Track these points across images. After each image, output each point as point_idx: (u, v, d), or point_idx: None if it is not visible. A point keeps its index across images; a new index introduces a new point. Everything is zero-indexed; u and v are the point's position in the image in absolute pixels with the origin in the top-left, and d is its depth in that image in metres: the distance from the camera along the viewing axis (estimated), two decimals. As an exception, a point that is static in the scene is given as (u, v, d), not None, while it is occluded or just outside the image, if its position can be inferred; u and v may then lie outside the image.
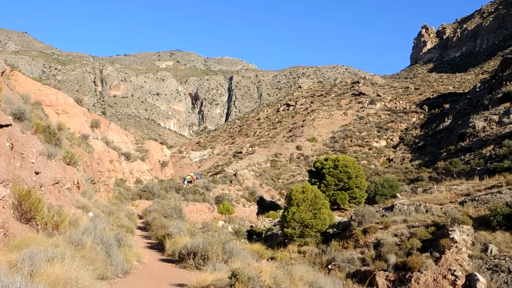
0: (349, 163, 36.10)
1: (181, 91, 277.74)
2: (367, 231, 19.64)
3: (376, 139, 77.45)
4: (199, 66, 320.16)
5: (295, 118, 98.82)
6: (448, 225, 16.78)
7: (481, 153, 44.42)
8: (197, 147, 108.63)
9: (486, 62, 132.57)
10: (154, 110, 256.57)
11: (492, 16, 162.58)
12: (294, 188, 25.08)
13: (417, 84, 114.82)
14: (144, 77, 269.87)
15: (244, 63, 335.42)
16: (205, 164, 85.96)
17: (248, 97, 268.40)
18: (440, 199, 22.74)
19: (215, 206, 35.50)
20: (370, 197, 36.53)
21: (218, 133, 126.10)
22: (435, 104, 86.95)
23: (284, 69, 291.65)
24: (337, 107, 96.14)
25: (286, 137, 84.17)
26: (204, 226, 27.14)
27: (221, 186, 42.88)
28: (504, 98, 55.17)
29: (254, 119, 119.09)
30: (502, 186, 21.40)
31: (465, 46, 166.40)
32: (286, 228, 23.84)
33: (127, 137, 44.62)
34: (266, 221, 36.63)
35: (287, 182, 59.94)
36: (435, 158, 54.30)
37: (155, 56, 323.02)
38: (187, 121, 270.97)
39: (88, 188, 17.38)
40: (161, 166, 45.59)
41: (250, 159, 71.27)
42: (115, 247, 10.34)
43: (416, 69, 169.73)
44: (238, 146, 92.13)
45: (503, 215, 15.86)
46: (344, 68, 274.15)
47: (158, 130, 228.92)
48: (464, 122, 59.31)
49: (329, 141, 78.88)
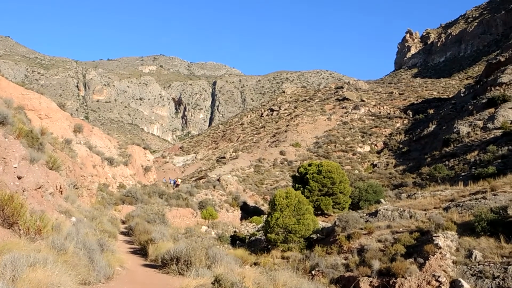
0: (333, 168, 36.19)
1: (165, 96, 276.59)
2: (351, 237, 19.64)
3: (360, 144, 77.94)
4: (183, 71, 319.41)
5: (278, 123, 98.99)
6: (432, 231, 16.86)
7: (465, 159, 44.89)
8: (181, 152, 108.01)
9: (470, 67, 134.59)
10: (137, 115, 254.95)
11: (477, 21, 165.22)
12: (278, 193, 25.01)
13: (401, 89, 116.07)
14: (127, 82, 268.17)
15: (228, 68, 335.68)
16: (189, 169, 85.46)
17: (232, 102, 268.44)
18: (425, 204, 22.87)
19: (198, 211, 35.28)
20: (354, 203, 36.64)
21: (202, 138, 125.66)
22: (420, 109, 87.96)
23: (268, 74, 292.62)
24: (321, 112, 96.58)
25: (270, 142, 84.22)
26: (187, 231, 26.92)
27: (205, 191, 42.67)
28: (489, 103, 55.89)
29: (238, 124, 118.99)
30: (487, 191, 21.59)
31: (450, 51, 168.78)
32: (270, 233, 23.74)
33: (110, 141, 44.11)
34: (250, 226, 36.52)
35: (271, 187, 59.91)
36: (420, 163, 54.78)
37: (138, 60, 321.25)
38: (170, 126, 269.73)
39: (71, 193, 17.10)
40: (144, 171, 45.13)
41: (234, 164, 71.09)
42: (98, 252, 10.15)
43: (400, 74, 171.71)
44: (222, 151, 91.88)
45: (488, 221, 15.97)
46: (328, 73, 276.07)
47: (141, 135, 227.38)
48: (448, 127, 59.99)
49: (313, 146, 79.14)
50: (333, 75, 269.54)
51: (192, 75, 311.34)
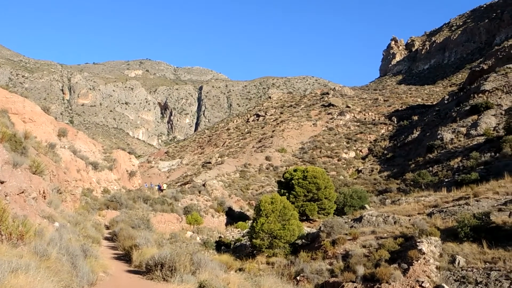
0: (318, 174, 36.33)
1: (150, 101, 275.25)
2: (336, 242, 19.70)
3: (345, 150, 78.40)
4: (169, 76, 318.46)
5: (264, 128, 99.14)
6: (416, 237, 17.00)
7: (449, 165, 45.42)
8: (166, 157, 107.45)
9: (454, 75, 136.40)
10: (122, 119, 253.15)
11: (460, 29, 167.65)
12: (263, 198, 25.01)
13: (386, 96, 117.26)
14: (113, 86, 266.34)
15: (214, 73, 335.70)
16: (174, 174, 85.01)
17: (218, 107, 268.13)
18: (409, 210, 23.06)
19: (183, 216, 35.08)
20: (339, 208, 36.79)
21: (187, 143, 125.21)
22: (404, 116, 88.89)
23: (254, 80, 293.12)
24: (307, 118, 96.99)
25: (256, 148, 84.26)
26: (172, 236, 26.73)
27: (190, 197, 42.47)
28: (472, 110, 56.69)
29: (224, 129, 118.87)
30: (470, 197, 21.86)
31: (434, 58, 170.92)
32: (255, 239, 23.71)
33: (95, 146, 43.70)
34: (235, 232, 36.42)
35: (256, 193, 59.88)
36: (404, 169, 55.26)
37: (124, 65, 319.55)
38: (156, 131, 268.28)
39: (54, 198, 16.89)
40: (129, 176, 44.75)
41: (219, 169, 70.94)
42: (81, 258, 10.03)
43: (385, 81, 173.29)
44: (207, 156, 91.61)
45: (471, 226, 16.15)
46: (314, 79, 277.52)
47: (126, 139, 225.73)
48: (432, 134, 60.66)
49: (299, 152, 79.37)
50: (319, 81, 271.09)
51: (178, 80, 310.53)
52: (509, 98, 55.53)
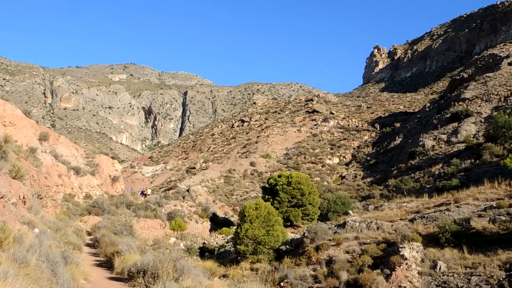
0: (302, 180, 36.41)
1: (134, 105, 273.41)
2: (320, 248, 19.76)
3: (329, 156, 78.82)
4: (153, 80, 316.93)
5: (249, 134, 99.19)
6: (398, 242, 17.14)
7: (430, 171, 45.98)
8: (150, 162, 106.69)
9: (435, 83, 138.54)
10: (106, 123, 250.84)
11: (441, 38, 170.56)
12: (248, 204, 24.98)
13: (369, 103, 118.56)
14: (96, 90, 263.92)
15: (199, 78, 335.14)
16: (158, 180, 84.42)
17: (203, 112, 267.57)
18: (391, 216, 23.26)
19: (167, 222, 34.80)
20: (322, 214, 36.89)
21: (172, 148, 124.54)
22: (387, 122, 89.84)
23: (239, 85, 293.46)
24: (291, 124, 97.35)
25: (240, 153, 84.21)
26: (155, 243, 26.51)
27: (174, 202, 42.18)
28: (452, 118, 57.61)
29: (208, 134, 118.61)
30: (450, 203, 22.16)
31: (416, 66, 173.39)
32: (239, 245, 23.64)
33: (77, 151, 43.19)
34: (219, 238, 36.25)
35: (241, 199, 59.77)
36: (386, 175, 55.75)
37: (108, 68, 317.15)
38: (139, 136, 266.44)
39: (34, 203, 16.60)
40: (112, 181, 44.28)
41: (204, 174, 70.67)
42: (61, 265, 9.87)
43: (368, 88, 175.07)
44: (192, 162, 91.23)
45: (451, 232, 16.35)
46: (299, 85, 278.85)
47: (109, 144, 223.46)
48: (414, 140, 61.38)
49: (283, 158, 79.55)
50: (303, 87, 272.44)
51: (163, 85, 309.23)
52: (488, 106, 56.52)
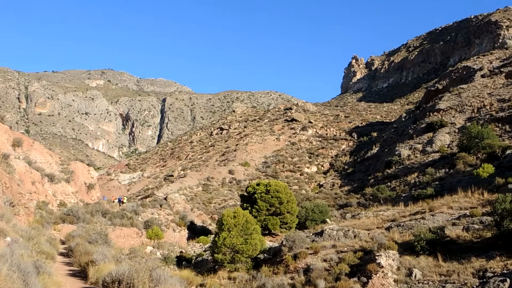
0: (281, 188, 36.50)
1: (112, 111, 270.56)
2: (298, 257, 19.78)
3: (308, 165, 79.25)
4: (131, 87, 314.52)
5: (228, 142, 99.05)
6: (375, 250, 17.29)
7: (406, 180, 46.66)
8: (127, 169, 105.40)
9: (411, 94, 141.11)
10: (82, 130, 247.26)
11: (417, 50, 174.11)
12: (226, 213, 24.89)
13: (347, 112, 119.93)
14: (72, 95, 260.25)
15: (178, 85, 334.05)
16: (135, 187, 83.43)
17: (181, 120, 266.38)
18: (368, 224, 23.48)
19: (143, 231, 34.40)
20: (301, 222, 37.00)
21: (149, 155, 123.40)
22: (364, 132, 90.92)
23: (219, 93, 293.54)
24: (270, 132, 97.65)
25: (219, 161, 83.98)
26: (131, 252, 26.15)
27: (151, 210, 41.76)
28: (428, 128, 58.73)
29: (187, 142, 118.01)
30: (425, 212, 22.52)
31: (392, 77, 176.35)
32: (217, 253, 23.51)
33: (52, 157, 42.45)
34: (197, 247, 36.00)
35: (219, 207, 59.51)
36: (363, 184, 56.30)
37: (85, 74, 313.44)
38: (117, 142, 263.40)
39: (6, 211, 16.25)
40: (87, 189, 43.61)
41: (182, 182, 70.17)
42: (34, 275, 9.66)
43: (346, 98, 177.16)
44: (170, 169, 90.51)
45: (426, 240, 16.59)
46: (278, 94, 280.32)
47: (85, 150, 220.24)
48: (390, 150, 62.24)
49: (262, 166, 79.63)
50: (282, 96, 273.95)
51: (141, 91, 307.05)
52: (462, 117, 57.79)
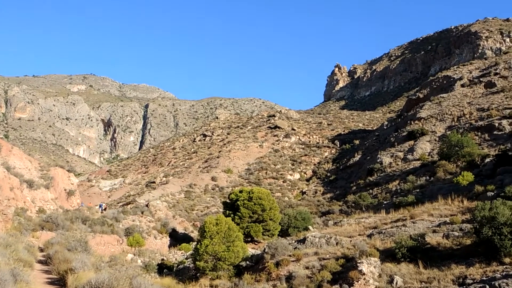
0: (264, 195, 36.45)
1: (93, 117, 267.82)
2: (280, 264, 19.75)
3: (290, 172, 79.46)
4: (114, 92, 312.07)
5: (211, 148, 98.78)
6: (356, 257, 17.36)
7: (387, 188, 47.10)
8: (108, 176, 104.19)
9: (393, 102, 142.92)
10: (62, 135, 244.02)
11: (399, 59, 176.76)
12: (208, 220, 24.73)
13: (329, 120, 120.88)
14: (53, 100, 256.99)
15: (161, 91, 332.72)
16: (116, 194, 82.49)
17: (164, 126, 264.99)
18: (350, 231, 23.59)
19: (124, 238, 33.96)
20: (283, 230, 36.97)
21: (131, 162, 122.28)
22: (346, 139, 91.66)
23: (202, 99, 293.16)
24: (253, 139, 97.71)
25: (202, 168, 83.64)
26: (111, 259, 25.77)
27: (132, 217, 41.25)
28: (409, 136, 59.49)
29: (169, 148, 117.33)
30: (407, 219, 22.73)
31: (374, 86, 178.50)
32: (199, 261, 23.32)
33: (31, 163, 41.74)
34: (178, 254, 35.67)
35: (201, 214, 59.19)
36: (346, 191, 56.63)
37: (66, 79, 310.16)
38: (98, 148, 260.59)
39: (-18, 218, 15.89)
40: (67, 195, 42.94)
41: (164, 189, 69.66)
42: (11, 283, 9.47)
43: (329, 106, 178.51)
44: (152, 176, 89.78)
45: (407, 247, 16.72)
46: (261, 101, 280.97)
47: (66, 156, 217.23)
48: (372, 157, 62.80)
49: (245, 173, 79.56)
50: (266, 103, 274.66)
51: (124, 97, 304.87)
52: (442, 125, 58.70)
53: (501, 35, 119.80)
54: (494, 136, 48.51)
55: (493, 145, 46.22)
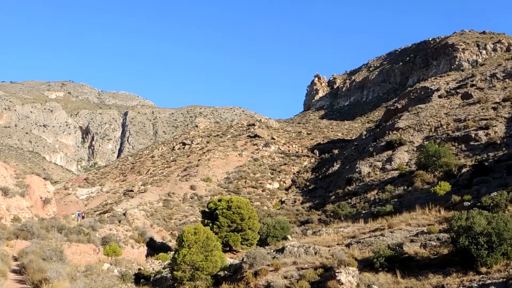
0: (243, 204, 36.34)
1: (71, 124, 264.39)
2: (258, 274, 19.64)
3: (270, 181, 79.49)
4: (92, 99, 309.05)
5: (190, 157, 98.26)
6: (335, 267, 17.36)
7: (366, 197, 47.45)
8: (85, 184, 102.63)
9: (371, 112, 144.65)
10: (39, 142, 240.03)
11: (378, 70, 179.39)
12: (186, 229, 24.52)
13: (309, 129, 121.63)
14: (30, 107, 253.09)
15: (141, 99, 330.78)
16: (93, 202, 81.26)
17: (143, 134, 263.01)
18: (328, 241, 23.62)
19: (101, 247, 33.39)
20: (262, 239, 36.88)
21: (109, 170, 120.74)
22: (325, 149, 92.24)
23: (182, 108, 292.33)
24: (233, 148, 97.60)
25: (181, 176, 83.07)
26: (87, 269, 25.30)
27: (109, 226, 40.64)
28: (387, 146, 60.20)
29: (148, 156, 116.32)
30: (385, 229, 22.87)
31: (353, 96, 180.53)
32: (176, 271, 23.06)
33: (7, 170, 40.88)
34: (156, 264, 35.25)
35: (180, 223, 58.71)
36: (325, 201, 56.86)
37: (44, 85, 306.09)
38: (75, 156, 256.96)
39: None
40: (43, 203, 42.12)
41: (142, 198, 68.91)
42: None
43: (308, 115, 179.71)
44: (130, 184, 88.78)
45: (385, 257, 16.80)
46: (241, 110, 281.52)
47: (42, 164, 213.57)
48: (351, 167, 63.27)
49: (224, 182, 79.30)
50: (246, 112, 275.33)
51: (103, 104, 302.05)
52: (420, 135, 59.60)
53: (478, 47, 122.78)
54: (471, 147, 49.46)
55: (470, 155, 47.10)
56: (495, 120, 53.26)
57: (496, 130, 50.67)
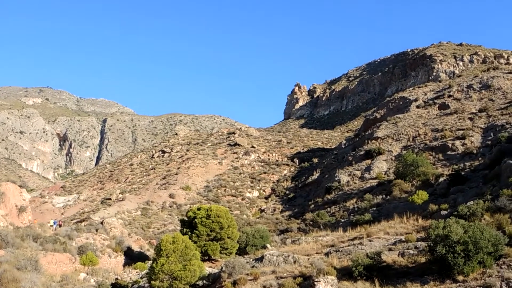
0: (222, 213, 36.18)
1: (49, 131, 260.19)
2: (237, 283, 19.52)
3: (249, 190, 79.41)
4: (71, 106, 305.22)
5: (170, 165, 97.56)
6: (314, 276, 17.37)
7: (345, 206, 47.76)
8: (62, 192, 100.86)
9: (351, 121, 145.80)
10: (16, 149, 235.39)
11: (357, 80, 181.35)
12: (165, 238, 24.29)
13: (289, 138, 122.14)
14: (7, 113, 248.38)
15: (120, 106, 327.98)
16: (70, 210, 79.87)
17: (122, 141, 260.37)
18: (308, 250, 23.65)
19: (77, 256, 32.81)
20: (241, 248, 36.75)
21: (87, 178, 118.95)
22: (305, 158, 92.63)
23: (162, 115, 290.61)
24: (213, 156, 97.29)
25: (160, 185, 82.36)
26: (63, 279, 24.85)
27: (86, 235, 39.99)
28: (366, 155, 60.80)
29: (127, 164, 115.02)
30: (363, 237, 23.02)
31: (333, 105, 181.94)
32: (154, 280, 22.80)
33: (-21, 177, 39.99)
34: (133, 273, 34.80)
35: (158, 232, 58.11)
36: (304, 209, 57.01)
37: (22, 91, 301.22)
38: (52, 163, 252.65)
39: None
40: (18, 212, 41.21)
41: (120, 206, 68.02)
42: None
43: (289, 124, 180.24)
44: (108, 192, 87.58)
45: (364, 265, 16.90)
46: (221, 118, 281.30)
47: (18, 171, 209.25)
48: (330, 176, 63.65)
49: (203, 190, 78.90)
50: (226, 120, 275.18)
51: (81, 111, 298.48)
52: (398, 145, 60.41)
53: (455, 58, 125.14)
54: (448, 156, 50.29)
55: (447, 164, 47.87)
56: (471, 130, 54.32)
57: (472, 140, 51.66)
